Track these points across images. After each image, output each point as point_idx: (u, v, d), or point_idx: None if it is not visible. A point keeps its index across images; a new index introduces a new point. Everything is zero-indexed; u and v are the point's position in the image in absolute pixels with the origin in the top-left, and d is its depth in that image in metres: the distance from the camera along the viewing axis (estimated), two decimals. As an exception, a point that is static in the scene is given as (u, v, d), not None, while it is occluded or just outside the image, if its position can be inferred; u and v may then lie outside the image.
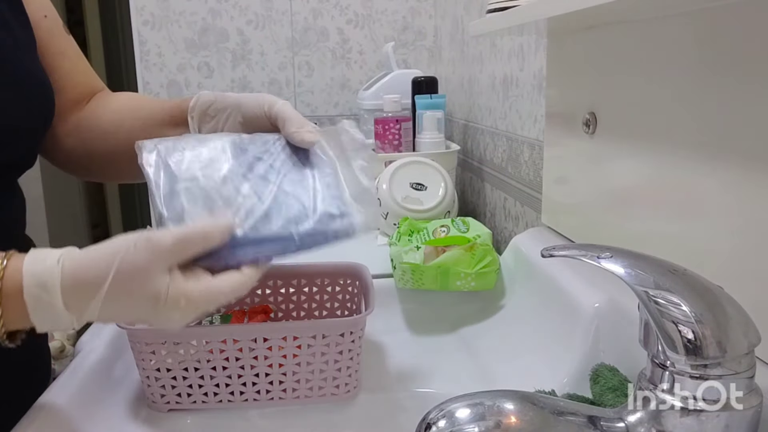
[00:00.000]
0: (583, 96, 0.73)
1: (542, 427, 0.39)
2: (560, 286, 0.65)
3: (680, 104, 0.54)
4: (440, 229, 0.92)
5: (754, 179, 0.46)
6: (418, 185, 1.14)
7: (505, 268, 0.82)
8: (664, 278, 0.37)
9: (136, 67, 1.73)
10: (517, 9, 0.65)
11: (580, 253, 0.40)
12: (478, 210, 1.33)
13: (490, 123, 1.23)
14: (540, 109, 0.94)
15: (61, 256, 0.44)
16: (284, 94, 1.77)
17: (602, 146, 0.69)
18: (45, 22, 0.67)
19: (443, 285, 0.78)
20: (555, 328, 0.64)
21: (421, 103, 1.30)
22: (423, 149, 1.26)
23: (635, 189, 0.63)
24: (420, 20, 1.78)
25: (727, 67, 0.48)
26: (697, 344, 0.36)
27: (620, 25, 0.63)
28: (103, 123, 0.69)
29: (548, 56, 0.84)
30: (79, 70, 0.71)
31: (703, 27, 0.51)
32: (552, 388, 0.56)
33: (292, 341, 0.60)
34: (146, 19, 1.70)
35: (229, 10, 1.71)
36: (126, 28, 2.93)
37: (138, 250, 0.44)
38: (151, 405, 0.63)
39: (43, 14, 0.67)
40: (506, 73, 1.12)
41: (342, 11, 1.75)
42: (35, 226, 2.64)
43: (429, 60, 1.80)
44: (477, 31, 0.82)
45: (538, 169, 0.94)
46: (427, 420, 0.39)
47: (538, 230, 0.86)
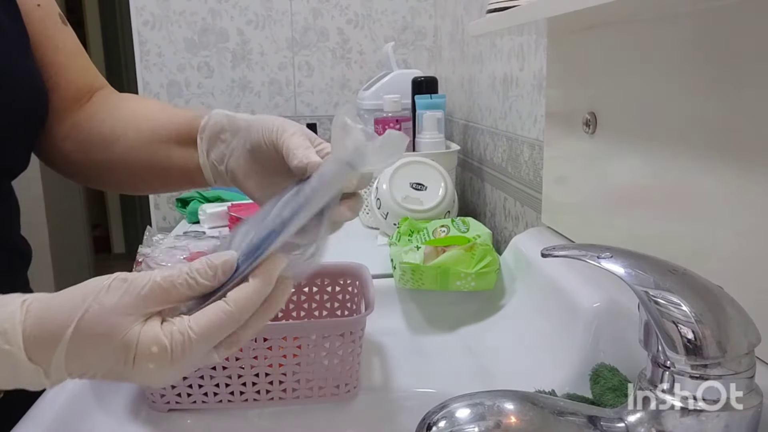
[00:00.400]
0: (583, 96, 0.73)
1: (542, 427, 0.39)
2: (560, 286, 0.65)
3: (680, 104, 0.54)
4: (440, 229, 0.92)
5: (754, 179, 0.46)
6: (418, 185, 1.14)
7: (505, 268, 0.82)
8: (664, 278, 0.37)
9: (136, 67, 1.73)
10: (517, 9, 0.65)
11: (580, 253, 0.40)
12: (478, 210, 1.33)
13: (490, 123, 1.23)
14: (540, 109, 0.94)
15: (26, 300, 0.39)
16: (284, 94, 1.77)
17: (602, 146, 0.69)
18: (37, 12, 0.62)
19: (443, 285, 0.78)
20: (555, 328, 0.64)
21: (421, 103, 1.30)
22: (423, 149, 1.26)
23: (635, 189, 0.63)
24: (420, 20, 1.78)
25: (727, 67, 0.48)
26: (697, 344, 0.36)
27: (620, 25, 0.63)
28: (104, 129, 0.63)
29: (548, 56, 0.84)
30: (77, 66, 0.66)
31: (703, 27, 0.51)
32: (552, 388, 0.56)
33: (292, 341, 0.60)
34: (146, 19, 1.70)
35: (229, 10, 1.71)
36: (126, 28, 2.94)
37: (110, 291, 0.38)
38: (151, 405, 0.63)
39: (36, 3, 0.62)
40: (506, 73, 1.12)
41: (342, 11, 1.75)
42: (35, 226, 2.64)
43: (429, 60, 1.80)
44: (477, 31, 0.82)
45: (538, 169, 0.94)
46: (427, 420, 0.39)
47: (538, 230, 0.86)
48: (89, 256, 3.45)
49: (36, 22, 0.62)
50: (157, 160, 0.62)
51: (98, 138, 0.63)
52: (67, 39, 0.65)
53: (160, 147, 0.61)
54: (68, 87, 0.64)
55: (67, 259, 3.03)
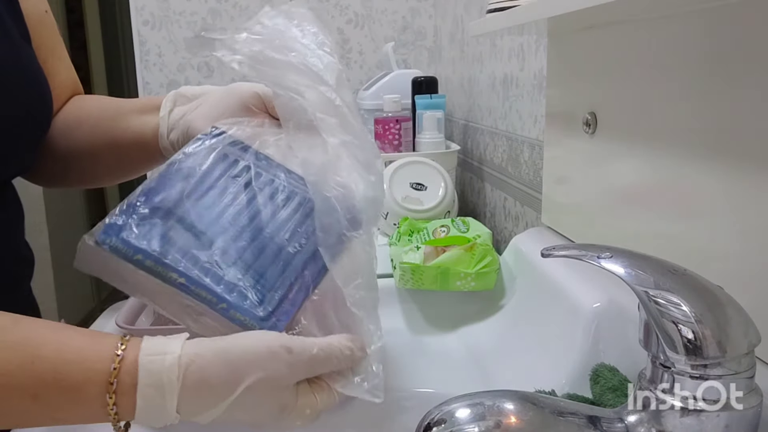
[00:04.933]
0: (583, 96, 0.73)
1: (542, 427, 0.39)
2: (560, 286, 0.65)
3: (680, 104, 0.54)
4: (440, 229, 0.92)
5: (754, 179, 0.46)
6: (418, 185, 1.14)
7: (505, 268, 0.82)
8: (664, 278, 0.37)
9: (136, 67, 1.73)
10: (517, 9, 0.65)
11: (580, 253, 0.40)
12: (478, 210, 1.33)
13: (490, 123, 1.23)
14: (540, 109, 0.94)
15: (182, 353, 0.39)
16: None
17: (602, 146, 0.69)
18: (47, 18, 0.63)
19: (443, 285, 0.78)
20: (555, 328, 0.64)
21: (421, 103, 1.30)
22: (423, 149, 1.27)
23: (635, 189, 0.63)
24: (420, 20, 1.78)
25: (727, 66, 0.48)
26: (697, 344, 0.36)
27: (620, 25, 0.63)
28: (69, 118, 0.64)
29: (548, 56, 0.84)
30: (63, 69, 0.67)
31: (703, 27, 0.51)
32: (552, 388, 0.56)
33: (292, 341, 0.60)
34: (146, 19, 1.70)
35: (229, 10, 1.71)
36: (126, 28, 2.93)
37: (276, 361, 0.40)
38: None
39: (44, 9, 0.63)
40: (506, 73, 1.12)
41: (342, 11, 1.75)
42: (35, 226, 2.64)
43: (429, 60, 1.80)
44: (477, 31, 0.82)
45: (538, 169, 0.94)
46: (427, 420, 0.39)
47: (538, 230, 0.86)
48: (89, 256, 3.44)
49: (45, 27, 0.63)
50: (114, 135, 0.62)
51: (62, 128, 0.64)
52: (60, 45, 0.66)
53: (120, 119, 0.62)
54: (54, 90, 0.64)
55: (67, 259, 3.01)
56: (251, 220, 0.47)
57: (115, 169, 0.66)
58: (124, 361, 0.39)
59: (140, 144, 0.61)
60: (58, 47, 0.66)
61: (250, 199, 0.48)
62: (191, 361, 0.39)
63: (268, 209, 0.48)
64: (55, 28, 0.66)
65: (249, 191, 0.48)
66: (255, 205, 0.48)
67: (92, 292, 3.47)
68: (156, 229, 0.44)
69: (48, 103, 0.61)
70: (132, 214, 0.44)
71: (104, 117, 0.63)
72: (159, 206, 0.45)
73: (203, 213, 0.46)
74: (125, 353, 0.39)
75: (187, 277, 0.43)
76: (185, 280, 0.43)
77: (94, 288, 3.49)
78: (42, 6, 0.64)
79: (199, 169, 0.48)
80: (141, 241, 0.43)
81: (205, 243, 0.45)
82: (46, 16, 0.64)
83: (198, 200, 0.47)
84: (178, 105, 0.60)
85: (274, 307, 0.44)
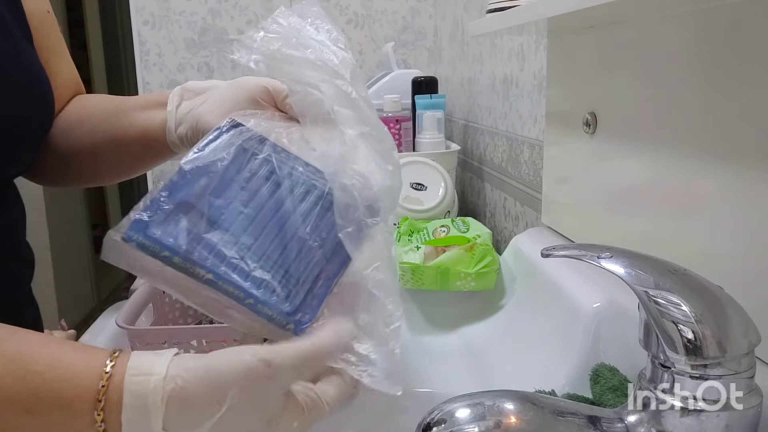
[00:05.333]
0: (583, 96, 0.73)
1: (542, 427, 0.39)
2: (560, 286, 0.65)
3: (680, 104, 0.54)
4: (440, 229, 0.92)
5: (754, 179, 0.46)
6: (418, 185, 1.14)
7: (505, 268, 0.82)
8: (664, 278, 0.37)
9: (136, 67, 1.73)
10: (517, 9, 0.65)
11: (580, 253, 0.40)
12: (478, 210, 1.33)
13: (490, 123, 1.23)
14: (540, 109, 0.94)
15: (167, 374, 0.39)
16: (284, 94, 1.77)
17: (602, 146, 0.69)
18: (48, 18, 0.63)
19: (443, 285, 0.78)
20: (555, 328, 0.64)
21: (421, 103, 1.30)
22: (423, 149, 1.27)
23: (635, 189, 0.63)
24: (420, 20, 1.78)
25: (726, 67, 0.48)
26: (697, 344, 0.36)
27: (620, 25, 0.63)
28: (70, 118, 0.64)
29: (548, 56, 0.84)
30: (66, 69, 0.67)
31: (703, 27, 0.51)
32: (552, 388, 0.56)
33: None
34: (146, 19, 1.70)
35: (229, 10, 1.71)
36: (126, 28, 2.93)
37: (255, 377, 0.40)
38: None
39: (46, 9, 0.63)
40: (506, 73, 1.12)
41: (342, 11, 1.75)
42: (35, 226, 2.64)
43: (429, 60, 1.80)
44: (477, 31, 0.82)
45: (538, 169, 0.94)
46: (427, 420, 0.39)
47: (538, 230, 0.86)
48: (89, 256, 3.44)
49: (46, 26, 0.63)
50: (116, 132, 0.62)
51: (64, 127, 0.64)
52: (61, 45, 0.66)
53: (122, 116, 0.61)
54: (56, 90, 0.64)
55: (67, 259, 3.03)
56: (274, 214, 0.47)
57: (116, 166, 0.67)
58: (112, 379, 0.39)
59: (145, 139, 0.61)
60: (59, 47, 0.66)
61: (272, 192, 0.48)
62: (175, 384, 0.39)
63: (289, 202, 0.48)
64: (56, 28, 0.66)
65: (270, 185, 0.49)
66: (277, 199, 0.48)
67: (92, 292, 3.47)
68: (181, 225, 0.44)
69: (50, 103, 0.61)
70: (157, 209, 0.44)
71: (106, 115, 0.63)
72: (183, 201, 0.45)
73: (226, 207, 0.46)
74: (114, 370, 0.39)
75: (215, 273, 0.43)
76: (213, 276, 0.43)
77: (94, 288, 3.49)
78: (44, 6, 0.64)
79: (220, 164, 0.48)
80: (167, 238, 0.43)
81: (229, 238, 0.45)
82: (48, 16, 0.64)
83: (220, 195, 0.47)
84: (185, 99, 0.60)
85: (301, 301, 0.45)
